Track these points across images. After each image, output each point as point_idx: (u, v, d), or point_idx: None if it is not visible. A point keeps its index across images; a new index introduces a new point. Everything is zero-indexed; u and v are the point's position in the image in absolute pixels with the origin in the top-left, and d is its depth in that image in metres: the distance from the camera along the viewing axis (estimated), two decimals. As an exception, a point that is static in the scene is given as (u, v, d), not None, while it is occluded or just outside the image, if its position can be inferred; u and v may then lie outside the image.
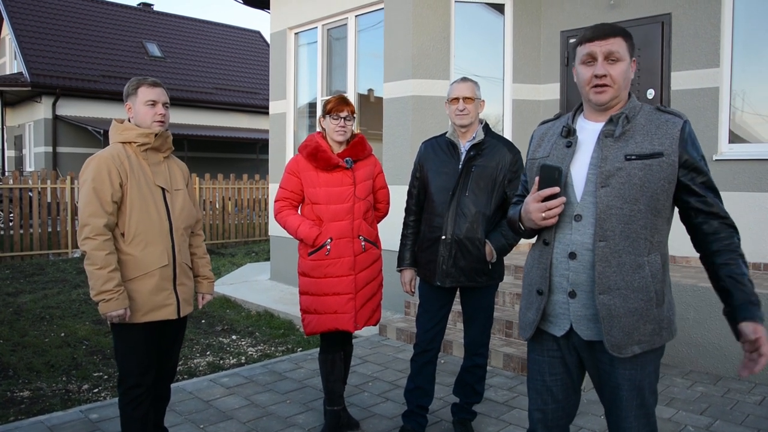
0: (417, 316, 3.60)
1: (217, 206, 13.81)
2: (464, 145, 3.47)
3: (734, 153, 5.66)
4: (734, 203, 5.59)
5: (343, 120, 3.49)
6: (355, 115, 3.56)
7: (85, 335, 6.20)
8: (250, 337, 6.32)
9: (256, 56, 26.60)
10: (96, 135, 18.28)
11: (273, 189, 8.99)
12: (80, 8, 22.45)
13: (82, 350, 5.70)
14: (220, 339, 6.21)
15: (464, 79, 3.46)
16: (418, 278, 3.66)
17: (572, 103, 6.78)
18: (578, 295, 2.07)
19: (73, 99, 19.29)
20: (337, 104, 3.48)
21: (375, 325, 3.75)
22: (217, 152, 22.18)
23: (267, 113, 23.09)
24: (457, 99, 3.39)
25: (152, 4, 26.33)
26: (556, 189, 2.01)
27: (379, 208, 3.81)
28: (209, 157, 22.03)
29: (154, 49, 22.62)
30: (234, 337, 6.34)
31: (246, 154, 23.43)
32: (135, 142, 2.96)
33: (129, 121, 3.04)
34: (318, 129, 3.68)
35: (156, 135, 2.98)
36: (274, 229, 8.89)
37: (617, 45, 2.05)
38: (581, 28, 6.61)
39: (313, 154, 3.48)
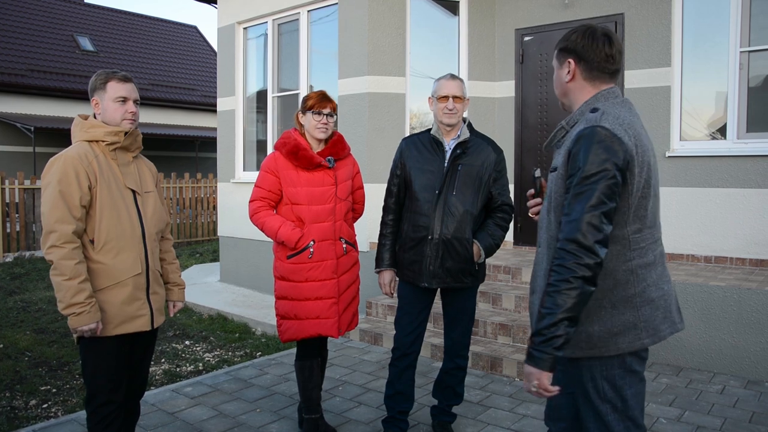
0: (396, 318, 3.51)
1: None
2: (449, 143, 3.41)
3: (685, 150, 5.83)
4: (685, 198, 5.77)
5: (325, 117, 3.36)
6: (337, 113, 3.44)
7: (27, 346, 5.83)
8: (204, 342, 6.09)
9: (194, 52, 25.88)
10: (25, 132, 17.35)
11: (222, 188, 8.73)
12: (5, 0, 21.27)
13: (25, 362, 5.35)
14: (174, 345, 5.97)
15: (453, 77, 3.39)
16: (397, 279, 3.57)
17: (526, 101, 6.84)
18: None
19: (0, 94, 18.24)
20: (320, 100, 3.35)
21: (351, 331, 3.64)
22: (154, 150, 21.37)
23: (205, 110, 22.55)
24: (446, 97, 3.31)
25: (83, -4, 25.20)
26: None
27: (355, 209, 3.70)
28: (146, 155, 21.05)
29: (86, 43, 21.64)
30: (188, 342, 6.10)
31: (185, 152, 22.76)
32: (103, 141, 2.74)
33: (94, 117, 2.81)
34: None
35: (126, 134, 2.78)
36: (224, 229, 8.64)
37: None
38: (536, 26, 6.67)
39: (294, 152, 3.33)
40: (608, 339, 2.04)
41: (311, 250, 3.33)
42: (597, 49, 2.09)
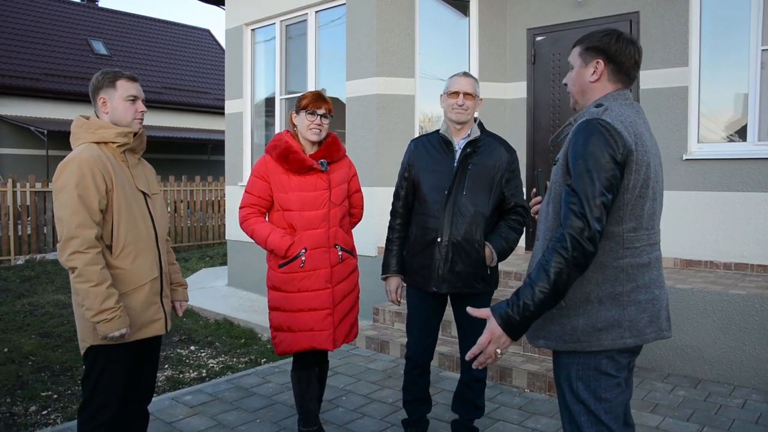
0: (408, 327, 3.40)
1: (169, 209, 13.31)
2: (459, 143, 3.28)
3: (703, 152, 5.64)
4: (703, 203, 5.57)
5: (319, 118, 3.23)
6: (332, 115, 3.31)
7: (32, 350, 5.75)
8: (210, 348, 5.99)
9: (206, 55, 25.96)
10: (39, 136, 17.46)
11: (229, 191, 8.65)
12: (20, 3, 21.41)
13: (28, 367, 5.28)
14: (178, 350, 5.87)
15: (465, 74, 3.28)
16: (405, 285, 3.45)
17: (538, 102, 6.68)
18: None
19: (14, 98, 18.31)
20: (314, 100, 3.22)
21: (353, 341, 3.51)
22: (166, 153, 21.47)
23: (218, 113, 22.56)
24: (456, 93, 3.19)
25: (97, 0, 25.36)
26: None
27: (353, 214, 3.55)
28: (159, 158, 21.20)
29: (99, 47, 21.76)
30: (192, 347, 6.00)
31: (197, 155, 22.81)
32: (114, 143, 2.66)
33: (97, 117, 2.73)
34: (287, 128, 3.42)
35: (134, 134, 2.72)
36: (232, 233, 8.54)
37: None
38: (549, 26, 6.51)
39: (284, 155, 3.19)
40: (591, 334, 2.03)
41: (303, 258, 3.18)
42: (629, 54, 2.12)
